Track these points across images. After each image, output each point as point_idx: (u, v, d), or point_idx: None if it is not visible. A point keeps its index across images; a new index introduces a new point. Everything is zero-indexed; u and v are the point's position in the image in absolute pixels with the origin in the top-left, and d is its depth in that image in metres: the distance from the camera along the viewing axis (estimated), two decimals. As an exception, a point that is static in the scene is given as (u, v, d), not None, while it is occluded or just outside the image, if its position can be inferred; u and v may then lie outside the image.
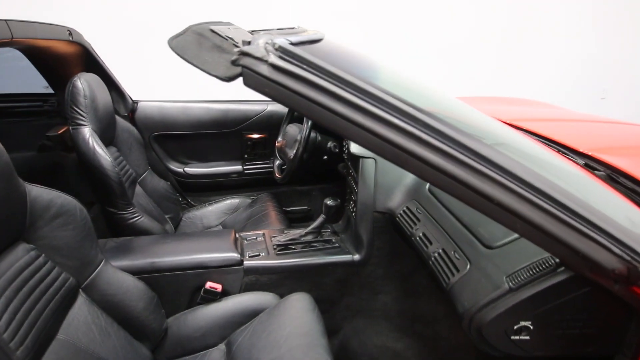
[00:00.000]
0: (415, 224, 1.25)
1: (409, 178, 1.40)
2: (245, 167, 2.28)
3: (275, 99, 0.57)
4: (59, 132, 1.73)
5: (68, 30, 1.54)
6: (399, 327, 1.54)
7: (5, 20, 1.11)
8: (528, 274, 0.80)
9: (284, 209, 2.15)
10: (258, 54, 0.56)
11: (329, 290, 1.48)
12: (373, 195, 1.42)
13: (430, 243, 1.14)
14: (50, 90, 1.86)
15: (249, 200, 2.16)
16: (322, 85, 0.56)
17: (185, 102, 2.16)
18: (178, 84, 2.41)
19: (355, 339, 1.54)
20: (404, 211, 1.35)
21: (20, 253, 0.91)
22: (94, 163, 1.44)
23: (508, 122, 1.51)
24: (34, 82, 1.83)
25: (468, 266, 0.97)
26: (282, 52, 0.56)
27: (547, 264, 0.78)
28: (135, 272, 1.20)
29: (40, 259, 0.94)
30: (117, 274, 1.14)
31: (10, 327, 0.79)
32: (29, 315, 0.85)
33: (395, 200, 1.41)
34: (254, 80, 0.56)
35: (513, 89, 3.23)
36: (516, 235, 0.91)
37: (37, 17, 1.36)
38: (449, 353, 1.39)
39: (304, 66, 0.56)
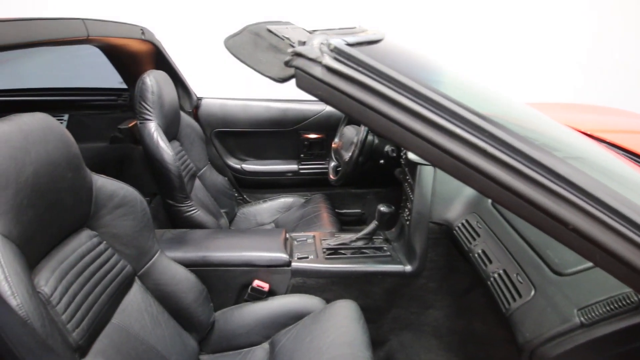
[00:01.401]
0: (474, 239, 1.17)
1: (470, 189, 1.31)
2: (300, 167, 2.28)
3: (328, 102, 0.54)
4: (129, 126, 1.83)
5: (141, 29, 1.63)
6: (450, 346, 1.45)
7: (82, 19, 1.19)
8: (604, 309, 0.70)
9: (336, 211, 2.12)
10: (312, 55, 0.53)
11: (377, 300, 1.43)
12: (429, 205, 1.35)
13: (490, 262, 1.06)
14: (124, 86, 1.97)
15: (302, 200, 2.16)
16: (378, 89, 0.52)
17: (246, 100, 2.21)
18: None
19: (401, 353, 1.47)
20: (462, 224, 1.26)
21: (84, 239, 0.96)
22: (156, 156, 1.51)
23: (588, 133, 1.37)
24: (112, 78, 1.96)
25: (532, 292, 0.88)
26: (337, 53, 0.53)
27: (628, 301, 0.68)
28: (187, 264, 1.24)
29: (102, 246, 0.99)
30: (170, 265, 1.17)
31: (69, 309, 0.83)
32: (88, 298, 0.89)
33: (454, 212, 1.33)
34: (306, 82, 0.54)
35: (594, 95, 2.94)
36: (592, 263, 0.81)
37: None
38: None
39: (360, 68, 0.52)
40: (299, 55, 0.54)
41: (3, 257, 0.71)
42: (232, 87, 2.28)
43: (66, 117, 2.07)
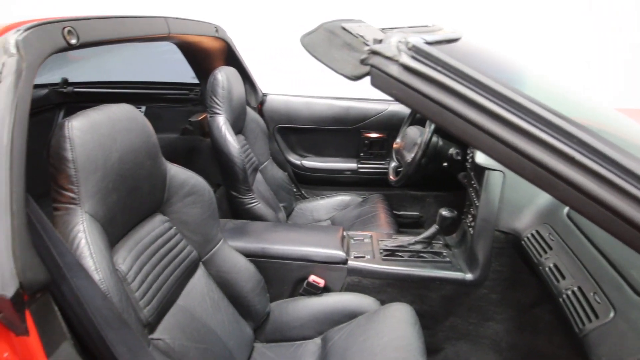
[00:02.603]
0: (545, 252, 1.09)
1: (543, 198, 1.23)
2: (359, 166, 2.27)
3: (402, 101, 0.53)
4: (199, 119, 1.93)
5: (215, 27, 1.70)
6: (509, 362, 1.38)
7: (165, 18, 1.27)
8: (701, 341, 0.63)
9: (394, 212, 2.09)
10: (389, 53, 0.52)
11: (434, 306, 1.39)
12: (496, 212, 1.28)
13: (563, 277, 0.98)
14: (196, 81, 2.08)
15: (359, 199, 2.15)
16: (457, 89, 0.50)
17: (310, 97, 2.23)
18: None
19: (456, 363, 1.42)
20: (532, 235, 1.18)
21: (157, 223, 1.02)
22: (223, 149, 1.57)
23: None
24: (186, 73, 2.07)
25: (612, 314, 0.81)
26: (416, 51, 0.52)
27: None
28: (247, 254, 1.28)
29: (172, 231, 1.06)
30: (232, 254, 1.22)
31: (142, 287, 0.89)
32: (158, 278, 0.95)
33: (523, 221, 1.25)
34: (381, 81, 0.53)
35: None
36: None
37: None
38: None
39: (438, 68, 0.51)
40: (375, 53, 0.54)
41: (89, 234, 0.77)
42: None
43: (143, 109, 2.22)
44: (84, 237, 0.76)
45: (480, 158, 1.31)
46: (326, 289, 1.37)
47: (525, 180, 0.51)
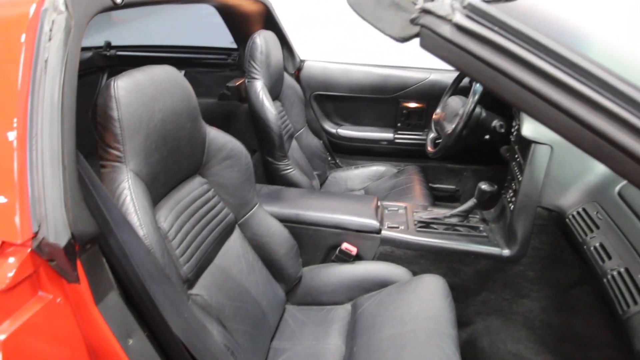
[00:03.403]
0: (591, 230, 1.04)
1: (593, 175, 1.16)
2: (396, 136, 2.23)
3: (454, 64, 0.50)
4: (237, 84, 1.93)
5: None
6: (542, 341, 1.35)
7: None
8: None
9: (430, 184, 2.05)
10: (441, 12, 0.49)
11: (466, 280, 1.38)
12: (540, 188, 1.23)
13: (609, 258, 0.94)
14: (234, 46, 2.06)
15: (394, 170, 2.12)
16: (515, 52, 0.46)
17: (348, 64, 2.18)
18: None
19: (486, 338, 1.41)
20: (578, 213, 1.13)
21: (196, 184, 1.05)
22: (260, 114, 1.58)
23: None
24: (224, 37, 2.05)
25: None
26: (471, 10, 0.48)
27: None
28: (281, 219, 1.30)
29: (210, 193, 1.08)
30: (267, 218, 1.24)
31: (182, 245, 0.93)
32: (196, 238, 0.98)
33: (569, 198, 1.19)
34: (432, 42, 0.50)
35: None
36: None
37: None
38: None
39: (495, 28, 0.47)
40: (426, 12, 0.51)
41: (134, 192, 0.80)
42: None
43: (182, 73, 2.24)
44: (129, 194, 0.79)
45: (527, 131, 1.24)
46: (358, 257, 1.38)
47: (584, 152, 0.48)
